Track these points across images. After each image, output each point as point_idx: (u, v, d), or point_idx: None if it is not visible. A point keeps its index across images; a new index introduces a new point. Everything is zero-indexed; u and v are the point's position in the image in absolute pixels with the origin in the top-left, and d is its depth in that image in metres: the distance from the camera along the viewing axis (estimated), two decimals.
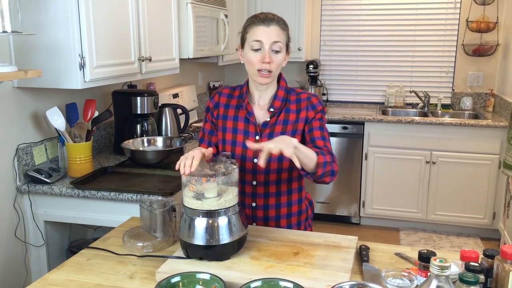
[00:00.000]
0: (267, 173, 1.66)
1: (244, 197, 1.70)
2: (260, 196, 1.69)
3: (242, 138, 1.67)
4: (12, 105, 2.14)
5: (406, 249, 1.55)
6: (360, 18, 4.54)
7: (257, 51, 1.57)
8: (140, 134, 2.70)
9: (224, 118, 1.71)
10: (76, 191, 2.10)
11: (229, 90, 1.74)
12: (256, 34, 1.57)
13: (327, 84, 4.69)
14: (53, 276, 1.38)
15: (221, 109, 1.72)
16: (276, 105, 1.65)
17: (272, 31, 1.57)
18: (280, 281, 1.22)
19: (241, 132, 1.67)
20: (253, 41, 1.57)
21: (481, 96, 4.37)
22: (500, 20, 4.16)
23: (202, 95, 4.32)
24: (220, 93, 1.75)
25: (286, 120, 1.66)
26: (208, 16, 3.17)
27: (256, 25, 1.58)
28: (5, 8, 1.64)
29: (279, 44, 1.58)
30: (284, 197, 1.70)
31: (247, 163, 1.66)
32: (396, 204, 4.05)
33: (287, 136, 1.48)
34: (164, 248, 1.54)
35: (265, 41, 1.56)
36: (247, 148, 1.63)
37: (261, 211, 1.71)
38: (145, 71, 2.50)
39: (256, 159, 1.64)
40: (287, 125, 1.65)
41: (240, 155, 1.65)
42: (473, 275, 1.07)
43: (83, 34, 1.99)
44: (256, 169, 1.66)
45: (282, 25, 1.60)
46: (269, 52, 1.56)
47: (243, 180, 1.68)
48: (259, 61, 1.57)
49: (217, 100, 1.74)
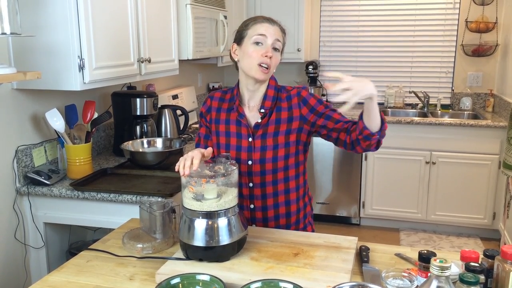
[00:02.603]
0: (263, 174, 1.65)
1: (242, 199, 1.69)
2: (257, 198, 1.69)
3: (235, 141, 1.67)
4: (11, 107, 2.14)
5: (406, 249, 1.55)
6: (359, 19, 4.54)
7: (259, 45, 1.58)
8: (139, 135, 2.70)
9: (217, 122, 1.71)
10: (75, 192, 2.10)
11: (220, 94, 1.75)
12: (261, 29, 1.59)
13: (326, 84, 4.68)
14: (53, 278, 1.38)
15: (213, 113, 1.73)
16: (266, 105, 1.65)
17: (276, 30, 1.61)
18: (280, 282, 1.22)
19: (233, 135, 1.67)
20: (257, 35, 1.58)
21: (480, 96, 4.37)
22: (499, 20, 4.16)
23: (201, 96, 4.32)
24: (212, 97, 1.75)
25: (278, 119, 1.65)
26: (207, 17, 3.18)
27: (261, 22, 1.61)
28: (4, 10, 1.64)
29: (280, 44, 1.62)
30: (281, 196, 1.69)
31: (242, 166, 1.66)
32: (396, 205, 4.05)
33: (364, 80, 1.44)
34: (163, 250, 1.54)
35: (269, 36, 1.58)
36: (241, 151, 1.65)
37: (260, 212, 1.70)
38: (144, 72, 2.50)
39: (250, 161, 1.65)
40: (279, 124, 1.65)
41: (234, 158, 1.65)
42: (473, 276, 1.07)
43: (82, 36, 1.99)
44: (252, 171, 1.66)
45: (282, 29, 1.65)
46: (271, 48, 1.59)
47: (240, 182, 1.66)
48: (261, 54, 1.57)
49: (209, 105, 1.75)
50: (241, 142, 1.66)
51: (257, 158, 1.64)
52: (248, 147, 1.65)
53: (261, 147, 1.64)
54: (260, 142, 1.65)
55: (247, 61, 1.60)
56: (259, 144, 1.65)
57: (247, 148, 1.65)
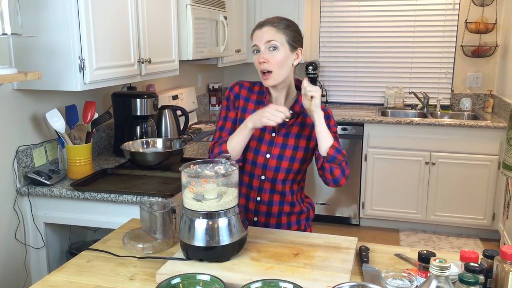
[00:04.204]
0: (277, 170, 1.69)
1: (251, 190, 1.74)
2: (266, 192, 1.72)
3: (258, 133, 1.69)
4: (12, 107, 2.14)
5: (406, 250, 1.55)
6: (359, 20, 4.54)
7: (257, 54, 1.64)
8: (139, 135, 2.70)
9: (243, 111, 1.73)
10: (76, 193, 2.10)
11: (249, 84, 1.77)
12: (253, 39, 1.64)
13: (326, 85, 4.69)
14: (53, 278, 1.38)
15: (241, 101, 1.74)
16: (296, 109, 1.69)
17: (264, 33, 1.62)
18: (280, 282, 1.23)
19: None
20: (252, 46, 1.65)
21: (480, 97, 4.37)
22: (499, 21, 4.16)
23: (201, 97, 4.32)
24: (241, 85, 1.77)
25: (303, 123, 1.69)
26: (207, 18, 3.18)
27: (254, 31, 1.65)
28: (5, 11, 1.64)
29: (273, 43, 1.60)
30: (288, 197, 1.74)
31: (259, 157, 1.69)
32: (395, 205, 4.05)
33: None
34: (164, 250, 1.54)
35: (258, 43, 1.62)
36: (262, 143, 1.69)
37: (265, 206, 1.74)
38: (144, 73, 2.50)
39: (268, 155, 1.68)
40: (304, 128, 1.69)
41: (254, 148, 1.69)
42: (472, 276, 1.07)
43: (82, 36, 1.99)
44: (267, 164, 1.69)
45: (277, 25, 1.62)
46: (265, 52, 1.60)
47: (252, 173, 1.71)
48: (258, 62, 1.62)
49: (237, 91, 1.76)
50: (264, 135, 1.70)
51: (276, 154, 1.68)
52: (269, 141, 1.69)
53: (282, 144, 1.68)
54: (282, 140, 1.69)
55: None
56: (280, 141, 1.69)
57: (268, 142, 1.69)
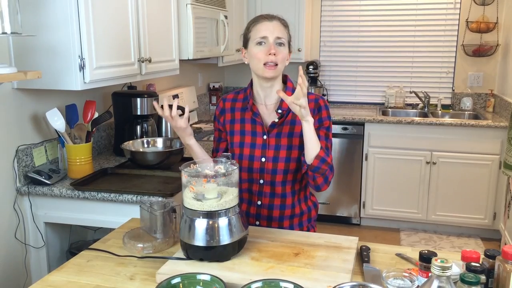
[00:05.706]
0: (274, 173, 1.69)
1: (251, 195, 1.73)
2: (266, 195, 1.72)
3: (250, 139, 1.70)
4: (12, 106, 2.14)
5: (407, 249, 1.55)
6: (360, 19, 4.54)
7: (262, 45, 1.62)
8: (140, 135, 2.69)
9: (232, 122, 1.75)
10: (76, 192, 2.10)
11: (233, 95, 1.79)
12: (261, 29, 1.62)
13: (327, 85, 4.69)
14: (53, 278, 1.38)
15: (227, 114, 1.76)
16: (284, 106, 1.68)
17: (275, 26, 1.63)
18: (281, 282, 1.22)
19: (248, 133, 1.71)
20: (258, 37, 1.62)
21: (481, 97, 4.37)
22: (500, 21, 4.16)
23: (202, 96, 4.32)
24: (225, 99, 1.79)
25: (293, 120, 1.68)
26: (208, 17, 3.17)
27: (259, 22, 1.64)
28: (5, 10, 1.64)
29: (282, 40, 1.63)
30: (289, 198, 1.73)
31: (255, 163, 1.69)
32: (396, 205, 4.05)
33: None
34: (164, 249, 1.54)
35: (269, 35, 1.61)
36: (255, 148, 1.69)
37: (266, 210, 1.73)
38: (145, 72, 2.50)
39: (263, 158, 1.68)
40: (294, 126, 1.68)
41: (248, 155, 1.69)
42: (474, 276, 1.07)
43: (82, 35, 1.99)
44: (264, 168, 1.69)
45: (283, 22, 1.67)
46: (274, 45, 1.60)
47: (251, 178, 1.71)
48: (265, 53, 1.60)
49: (222, 107, 1.79)
50: (256, 139, 1.70)
51: (271, 156, 1.68)
52: (262, 145, 1.69)
53: (275, 145, 1.68)
54: (274, 141, 1.68)
55: (255, 63, 1.64)
56: (273, 143, 1.68)
57: (261, 146, 1.69)
